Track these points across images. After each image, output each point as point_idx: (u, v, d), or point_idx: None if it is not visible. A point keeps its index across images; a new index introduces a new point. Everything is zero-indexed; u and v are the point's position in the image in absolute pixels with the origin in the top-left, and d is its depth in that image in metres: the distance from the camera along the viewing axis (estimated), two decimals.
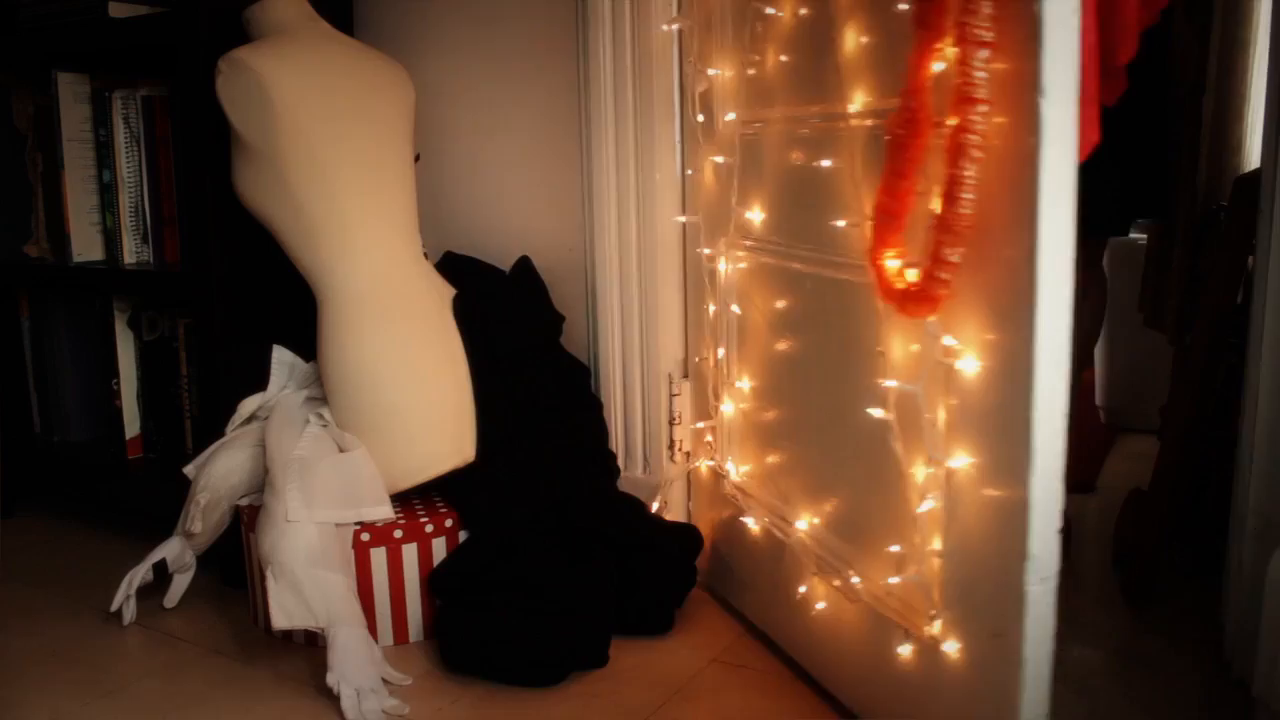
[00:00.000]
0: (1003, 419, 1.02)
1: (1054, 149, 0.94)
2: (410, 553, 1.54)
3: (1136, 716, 1.31)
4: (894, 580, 1.19)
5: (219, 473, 1.61)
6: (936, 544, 1.13)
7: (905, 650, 1.18)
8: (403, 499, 1.63)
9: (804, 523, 1.39)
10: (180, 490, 1.65)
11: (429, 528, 1.55)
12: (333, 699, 1.37)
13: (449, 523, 1.56)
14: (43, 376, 2.17)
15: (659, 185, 1.68)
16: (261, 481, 1.60)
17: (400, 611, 1.55)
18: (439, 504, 1.62)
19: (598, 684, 1.42)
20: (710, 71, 1.53)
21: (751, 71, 1.45)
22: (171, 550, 1.65)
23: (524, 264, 1.82)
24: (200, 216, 1.70)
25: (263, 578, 1.47)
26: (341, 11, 1.91)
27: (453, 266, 1.80)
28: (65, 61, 1.93)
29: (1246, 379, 1.34)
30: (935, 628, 1.14)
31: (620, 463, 1.77)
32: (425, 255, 1.72)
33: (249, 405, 1.66)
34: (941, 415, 1.10)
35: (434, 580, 1.53)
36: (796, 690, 1.39)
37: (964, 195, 0.98)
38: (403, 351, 1.59)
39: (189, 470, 1.64)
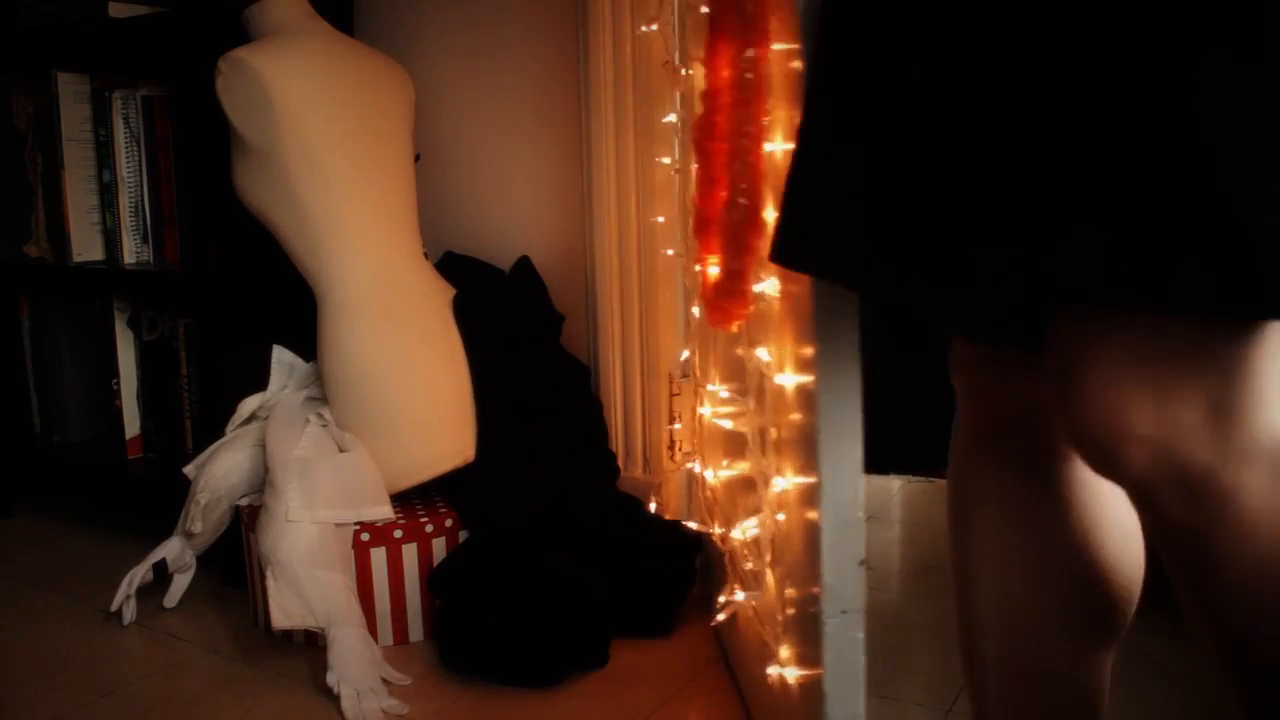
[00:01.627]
0: (806, 440, 0.93)
1: None
2: (410, 553, 1.54)
3: (1137, 716, 1.31)
4: (738, 597, 1.16)
5: (219, 473, 1.61)
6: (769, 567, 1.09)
7: (773, 672, 1.09)
8: (403, 499, 1.63)
9: (739, 532, 1.30)
10: (180, 490, 1.65)
11: (429, 528, 1.55)
12: (333, 699, 1.37)
13: (449, 523, 1.56)
14: (43, 376, 2.17)
15: (659, 185, 1.68)
16: (261, 481, 1.60)
17: (400, 611, 1.55)
18: (439, 504, 1.62)
19: (598, 684, 1.42)
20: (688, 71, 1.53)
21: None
22: (171, 550, 1.65)
23: (524, 264, 1.82)
24: (200, 216, 1.70)
25: (263, 577, 1.47)
26: (341, 11, 1.91)
27: (453, 266, 1.80)
28: (65, 61, 1.93)
29: None
30: (783, 652, 1.06)
31: (620, 463, 1.77)
32: (425, 255, 1.72)
33: (249, 405, 1.66)
34: (774, 432, 1.04)
35: (434, 580, 1.52)
36: None
37: (742, 201, 0.91)
38: (403, 351, 1.59)
39: (189, 470, 1.64)
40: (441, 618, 1.49)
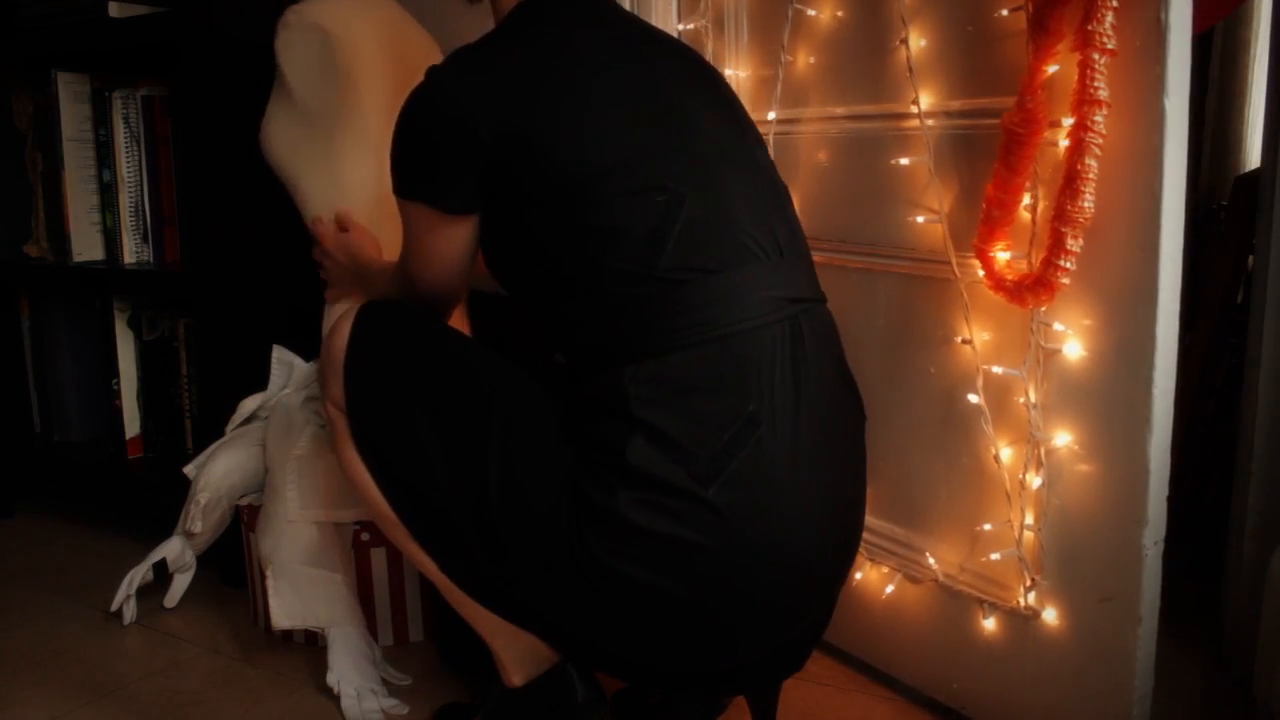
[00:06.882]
0: (1115, 398, 1.08)
1: (1173, 145, 1.02)
2: None
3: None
4: (995, 556, 1.22)
5: (219, 473, 1.61)
6: (1029, 518, 1.18)
7: (990, 624, 1.25)
8: None
9: None
10: (180, 490, 1.65)
11: None
12: (333, 699, 1.37)
13: None
14: (43, 376, 2.17)
15: None
16: (261, 481, 1.60)
17: (400, 611, 1.55)
18: None
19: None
20: (728, 72, 1.53)
21: (774, 72, 1.45)
22: (171, 550, 1.65)
23: None
24: (200, 216, 1.70)
25: (263, 577, 1.47)
26: None
27: None
28: (65, 61, 1.92)
29: (1246, 379, 1.34)
30: (1030, 598, 1.19)
31: None
32: None
33: (249, 405, 1.66)
34: (1034, 397, 1.16)
35: None
36: (796, 688, 1.39)
37: (1086, 189, 1.04)
38: None
39: (189, 470, 1.64)
40: (441, 618, 1.49)
